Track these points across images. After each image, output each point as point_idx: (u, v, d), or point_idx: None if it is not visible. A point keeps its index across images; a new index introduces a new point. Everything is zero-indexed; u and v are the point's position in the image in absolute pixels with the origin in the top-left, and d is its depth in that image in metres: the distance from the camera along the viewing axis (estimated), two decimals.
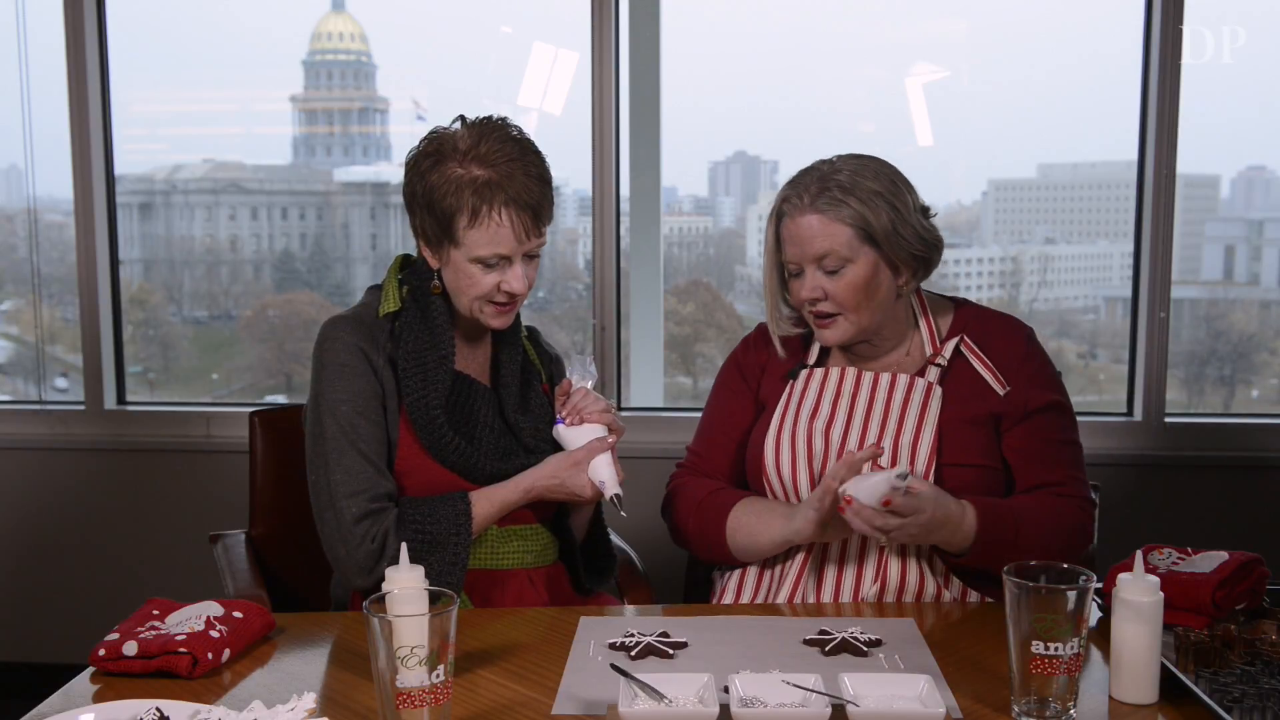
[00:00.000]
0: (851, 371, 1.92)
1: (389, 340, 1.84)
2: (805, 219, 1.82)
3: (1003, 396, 1.87)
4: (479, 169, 1.74)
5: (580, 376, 1.88)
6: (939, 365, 1.89)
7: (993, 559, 1.67)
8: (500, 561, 1.87)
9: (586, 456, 1.82)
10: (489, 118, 1.81)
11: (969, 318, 1.95)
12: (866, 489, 1.66)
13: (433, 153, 1.78)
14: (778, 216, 1.88)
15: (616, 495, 1.80)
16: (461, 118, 1.81)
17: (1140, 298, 3.12)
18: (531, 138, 1.83)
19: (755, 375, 2.03)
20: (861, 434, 1.86)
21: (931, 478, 1.81)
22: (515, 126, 1.82)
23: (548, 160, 1.82)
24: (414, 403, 1.80)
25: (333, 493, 1.78)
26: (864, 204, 1.80)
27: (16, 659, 3.43)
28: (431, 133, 1.82)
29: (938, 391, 1.86)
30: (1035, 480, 1.87)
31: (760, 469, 1.93)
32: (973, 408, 1.87)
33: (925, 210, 1.88)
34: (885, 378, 1.90)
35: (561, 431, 1.86)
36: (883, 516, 1.66)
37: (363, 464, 1.78)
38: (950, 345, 1.90)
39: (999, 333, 1.93)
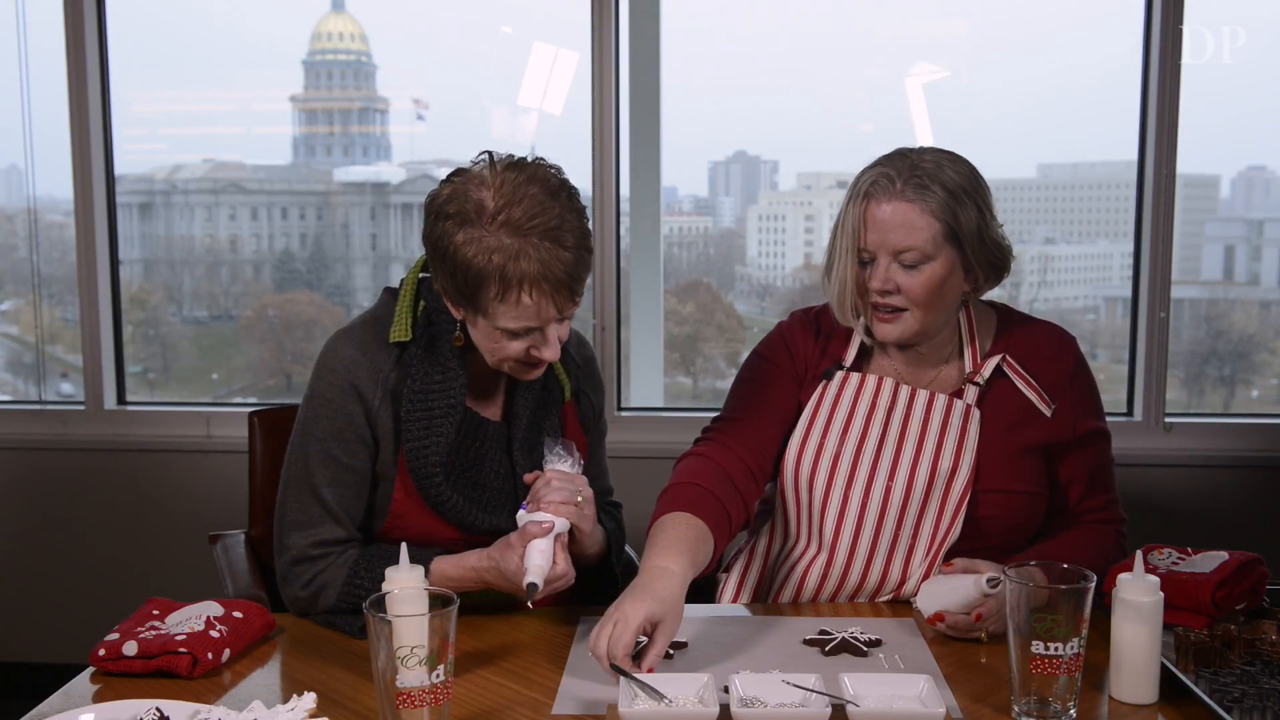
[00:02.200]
0: (889, 384, 1.83)
1: (395, 368, 1.71)
2: (895, 205, 1.71)
3: (1050, 418, 1.81)
4: (509, 237, 1.54)
5: (553, 460, 1.69)
6: (977, 384, 1.82)
7: None
8: (502, 599, 1.79)
9: (520, 540, 1.60)
10: (522, 162, 1.60)
11: (1013, 332, 1.87)
12: (956, 602, 1.60)
13: (455, 213, 1.57)
14: (864, 197, 1.74)
15: (531, 584, 1.56)
16: (489, 156, 1.61)
17: (1140, 298, 3.12)
18: (564, 174, 1.62)
19: (807, 362, 1.89)
20: (895, 456, 1.79)
21: (965, 506, 1.76)
22: (553, 170, 1.61)
23: (587, 214, 1.62)
24: (413, 451, 1.68)
25: (283, 525, 1.74)
26: (955, 200, 1.71)
27: (16, 659, 3.43)
28: (456, 176, 1.61)
29: (976, 415, 1.79)
30: (1082, 507, 1.85)
31: (781, 472, 1.86)
32: (1017, 434, 1.80)
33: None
34: (923, 396, 1.82)
35: (519, 517, 1.65)
36: (975, 619, 1.60)
37: (315, 506, 1.71)
38: (991, 364, 1.82)
39: (1045, 347, 1.86)
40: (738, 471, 1.79)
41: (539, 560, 1.57)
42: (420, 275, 1.77)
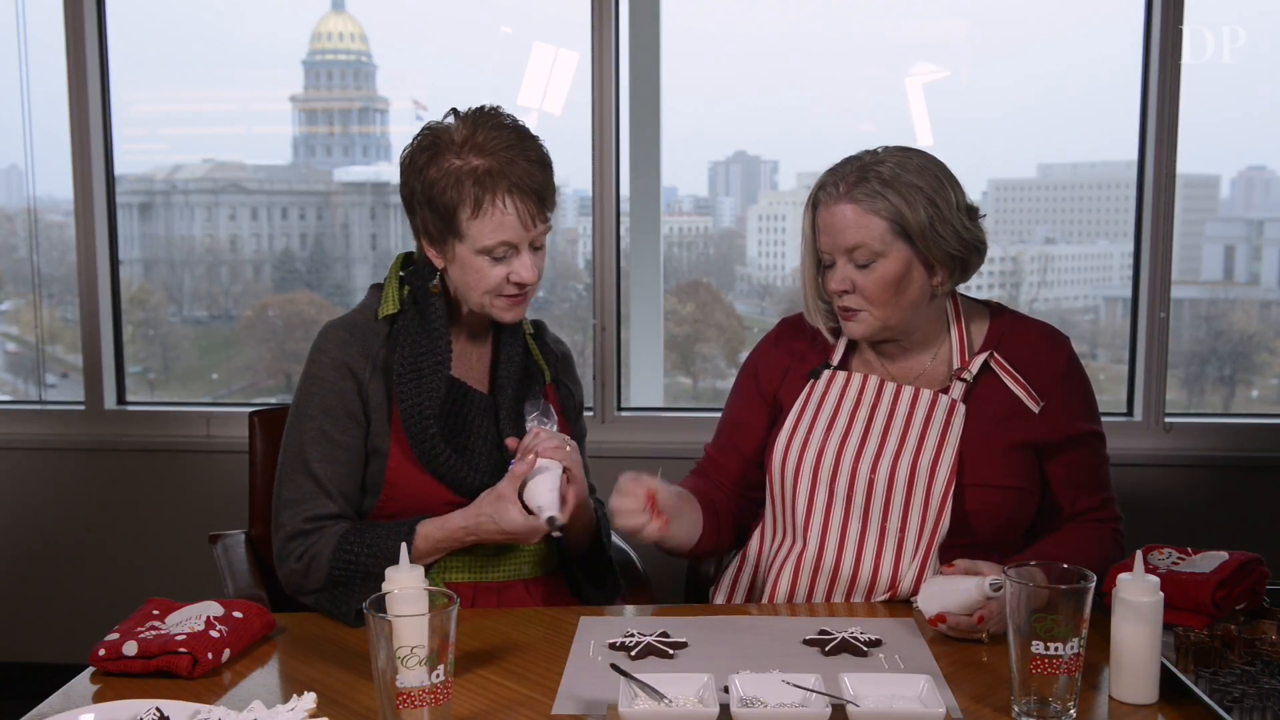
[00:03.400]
0: (874, 380, 1.86)
1: (384, 345, 1.81)
2: (840, 208, 1.76)
3: (1038, 415, 1.81)
4: (477, 158, 1.70)
5: (533, 423, 1.78)
6: (964, 380, 1.83)
7: None
8: (493, 574, 1.84)
9: (509, 486, 1.69)
10: (482, 108, 1.77)
11: (1004, 329, 1.88)
12: (958, 604, 1.59)
13: (428, 147, 1.74)
14: (814, 204, 1.81)
15: (551, 518, 1.65)
16: (454, 111, 1.77)
17: (1140, 298, 3.12)
18: (527, 124, 1.78)
19: (775, 377, 1.96)
20: (877, 453, 1.80)
21: (950, 500, 1.77)
22: (509, 115, 1.77)
23: (545, 144, 1.78)
24: (407, 410, 1.77)
25: (279, 505, 1.79)
26: (902, 197, 1.74)
27: (16, 659, 3.43)
28: (425, 128, 1.77)
29: (961, 410, 1.80)
30: (1076, 507, 1.85)
31: (767, 471, 1.89)
32: (1004, 429, 1.81)
33: (972, 210, 1.81)
34: (908, 392, 1.84)
35: (512, 468, 1.73)
36: (978, 622, 1.59)
37: (309, 482, 1.77)
38: (979, 360, 1.83)
39: (1036, 346, 1.87)
40: (724, 510, 1.95)
41: (548, 497, 1.66)
42: (400, 273, 1.87)
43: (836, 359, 1.91)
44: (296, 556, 1.75)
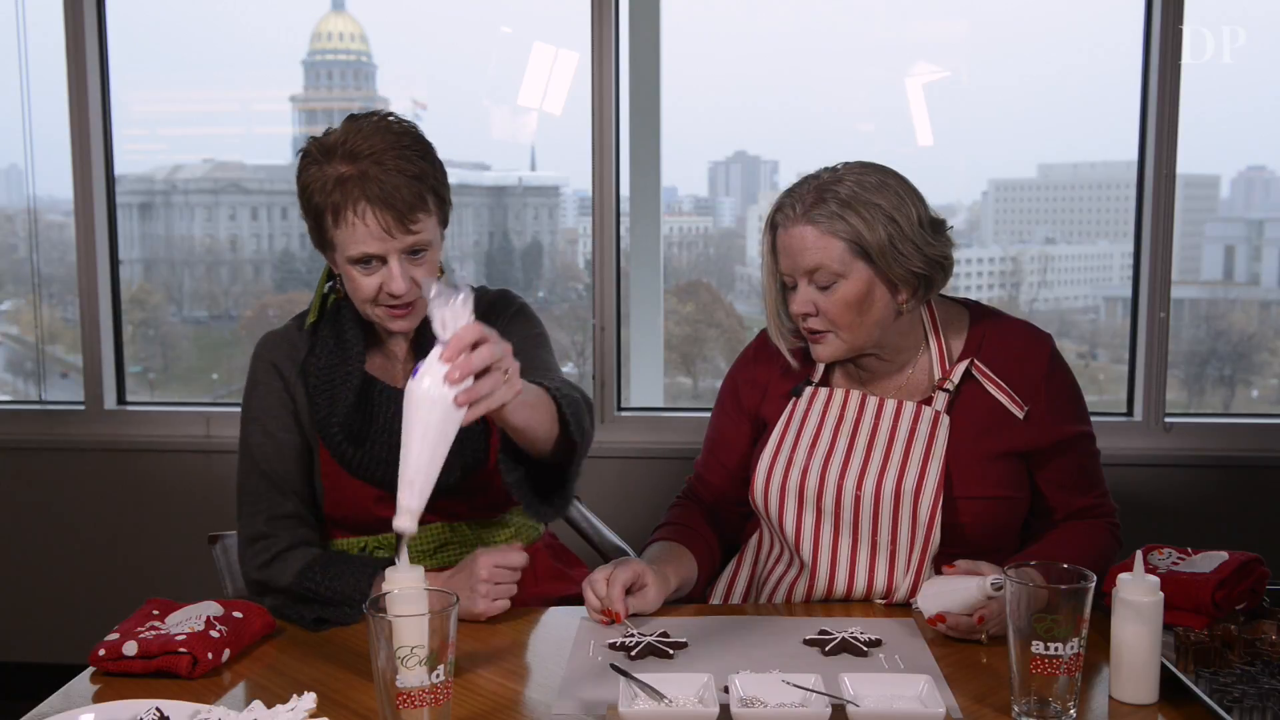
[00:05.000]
0: (855, 395, 1.84)
1: (306, 349, 1.82)
2: (797, 230, 1.73)
3: (1023, 420, 1.79)
4: (343, 165, 1.65)
5: (439, 303, 1.29)
6: (946, 391, 1.81)
7: None
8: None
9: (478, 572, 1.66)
10: (372, 113, 1.71)
11: (984, 333, 1.84)
12: (958, 603, 1.58)
13: (309, 151, 1.70)
14: (773, 226, 1.79)
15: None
16: (351, 115, 1.73)
17: (1140, 298, 3.12)
18: (417, 129, 1.72)
19: (755, 395, 1.94)
20: (861, 470, 1.78)
21: (939, 513, 1.75)
22: (399, 119, 1.71)
23: (434, 150, 1.71)
24: (321, 419, 1.78)
25: (240, 508, 1.81)
26: (860, 217, 1.70)
27: (16, 659, 3.43)
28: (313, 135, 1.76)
29: (945, 422, 1.78)
30: (1070, 508, 1.84)
31: (751, 491, 1.87)
32: (990, 438, 1.79)
33: (938, 225, 1.76)
34: (890, 406, 1.81)
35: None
36: (978, 622, 1.58)
37: (262, 482, 1.78)
38: (960, 369, 1.81)
39: (1018, 348, 1.83)
40: (709, 531, 1.95)
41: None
42: (329, 281, 1.86)
43: (818, 375, 1.89)
44: (259, 564, 1.75)
